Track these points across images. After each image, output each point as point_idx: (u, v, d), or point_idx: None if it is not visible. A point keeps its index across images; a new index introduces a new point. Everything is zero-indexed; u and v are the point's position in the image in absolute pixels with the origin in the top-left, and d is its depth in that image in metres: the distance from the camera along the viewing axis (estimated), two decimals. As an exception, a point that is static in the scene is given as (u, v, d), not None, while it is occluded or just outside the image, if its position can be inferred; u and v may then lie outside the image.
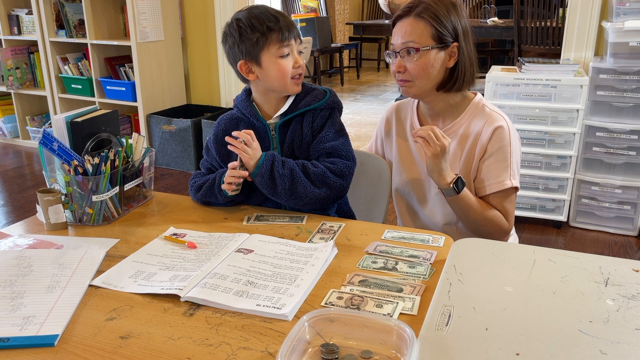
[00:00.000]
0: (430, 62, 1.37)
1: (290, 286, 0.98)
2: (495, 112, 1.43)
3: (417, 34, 1.36)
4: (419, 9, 1.37)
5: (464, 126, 1.45)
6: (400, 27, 1.39)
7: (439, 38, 1.37)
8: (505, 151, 1.39)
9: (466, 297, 0.86)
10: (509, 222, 1.42)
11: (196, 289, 0.97)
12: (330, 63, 7.82)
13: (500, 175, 1.39)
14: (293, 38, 1.32)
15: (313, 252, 1.12)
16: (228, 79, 4.02)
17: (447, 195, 1.37)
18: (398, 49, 1.39)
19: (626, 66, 2.59)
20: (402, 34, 1.38)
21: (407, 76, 1.40)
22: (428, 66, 1.37)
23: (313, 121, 1.37)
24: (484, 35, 5.15)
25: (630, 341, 0.75)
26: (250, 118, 1.39)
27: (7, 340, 0.84)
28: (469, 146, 1.43)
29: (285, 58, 1.31)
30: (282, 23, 1.30)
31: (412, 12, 1.38)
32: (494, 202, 1.41)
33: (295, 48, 1.34)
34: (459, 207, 1.39)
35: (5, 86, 4.30)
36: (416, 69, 1.38)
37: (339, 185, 1.33)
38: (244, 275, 1.03)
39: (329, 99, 1.38)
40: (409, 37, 1.37)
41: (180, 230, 1.24)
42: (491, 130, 1.40)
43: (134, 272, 1.06)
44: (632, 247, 2.69)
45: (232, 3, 3.82)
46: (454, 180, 1.34)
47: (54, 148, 1.25)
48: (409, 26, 1.37)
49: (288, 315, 0.90)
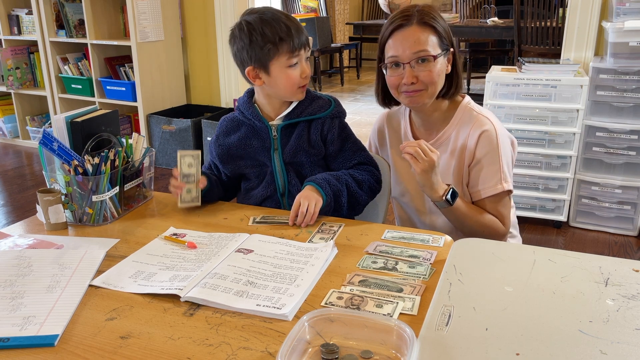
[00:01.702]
0: (442, 68, 1.36)
1: (290, 286, 0.98)
2: (481, 115, 1.41)
3: (427, 41, 1.33)
4: (421, 17, 1.34)
5: (453, 133, 1.43)
6: (406, 36, 1.34)
7: (442, 45, 1.36)
8: (494, 155, 1.38)
9: (466, 297, 0.86)
10: (504, 225, 1.41)
11: (196, 289, 0.97)
12: (330, 63, 7.82)
13: (491, 179, 1.38)
14: (302, 47, 1.32)
15: (313, 252, 1.12)
16: (228, 79, 4.02)
17: (440, 207, 1.36)
18: (407, 59, 1.34)
19: (626, 66, 2.59)
20: (412, 42, 1.33)
21: (419, 85, 1.35)
22: (441, 73, 1.36)
23: (322, 130, 1.39)
24: (484, 35, 5.15)
25: (630, 341, 0.75)
26: (252, 120, 1.40)
27: (7, 340, 0.84)
28: (458, 153, 1.42)
29: (294, 67, 1.32)
30: (294, 32, 1.29)
31: (414, 20, 1.34)
32: (488, 206, 1.41)
33: (304, 56, 1.34)
34: (454, 217, 1.38)
35: (5, 86, 4.30)
36: (431, 76, 1.34)
37: (378, 191, 1.43)
38: (244, 275, 1.03)
39: (335, 109, 1.40)
40: (422, 46, 1.32)
41: (181, 230, 1.24)
42: (477, 135, 1.38)
43: (134, 272, 1.06)
44: (632, 247, 2.69)
45: (232, 3, 3.82)
46: (447, 191, 1.33)
47: (54, 148, 1.25)
48: (418, 34, 1.33)
49: (288, 315, 0.90)
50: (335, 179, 1.32)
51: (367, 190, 1.38)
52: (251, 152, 1.41)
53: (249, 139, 1.41)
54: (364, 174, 1.39)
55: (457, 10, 5.99)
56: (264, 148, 1.39)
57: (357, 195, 1.36)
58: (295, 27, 1.31)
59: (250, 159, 1.42)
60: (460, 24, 5.17)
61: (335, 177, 1.33)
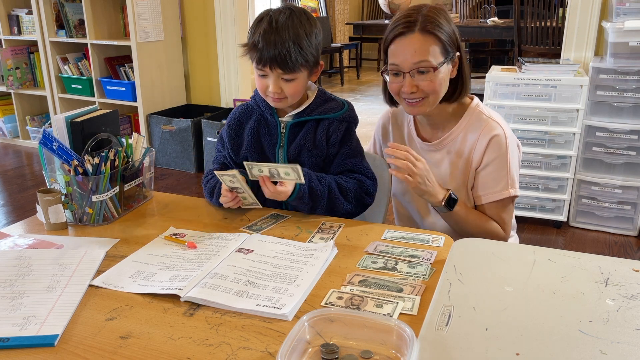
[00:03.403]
0: (444, 77, 1.33)
1: (290, 286, 0.98)
2: (491, 120, 1.39)
3: (428, 51, 1.28)
4: (423, 23, 1.28)
5: (460, 135, 1.42)
6: (407, 45, 1.29)
7: (446, 51, 1.31)
8: (503, 160, 1.36)
9: (466, 297, 0.86)
10: (505, 232, 1.40)
11: (196, 288, 0.97)
12: (330, 63, 7.82)
13: (498, 184, 1.37)
14: (270, 67, 1.25)
15: (313, 252, 1.12)
16: (228, 79, 4.02)
17: (440, 212, 1.36)
18: (407, 69, 1.30)
19: (626, 66, 2.59)
20: (412, 52, 1.28)
21: (420, 94, 1.32)
22: (443, 82, 1.33)
23: (328, 131, 1.37)
24: (484, 35, 5.15)
25: (630, 341, 0.75)
26: (264, 111, 1.39)
27: (7, 340, 0.84)
28: (466, 156, 1.41)
29: (261, 77, 1.30)
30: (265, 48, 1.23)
31: (416, 27, 1.28)
32: (491, 211, 1.39)
33: (276, 76, 1.27)
34: (454, 222, 1.38)
35: (5, 86, 4.30)
36: (432, 86, 1.31)
37: (368, 203, 1.38)
38: (244, 275, 1.03)
39: (346, 112, 1.38)
40: (422, 56, 1.28)
41: (181, 230, 1.24)
42: (487, 140, 1.36)
43: (134, 272, 1.06)
44: (632, 247, 2.69)
45: (232, 3, 3.82)
46: (446, 197, 1.32)
47: (54, 148, 1.25)
48: (419, 43, 1.28)
49: (288, 315, 0.90)
50: (317, 177, 1.30)
51: (352, 199, 1.33)
52: (258, 146, 1.40)
53: (258, 131, 1.40)
54: (351, 182, 1.35)
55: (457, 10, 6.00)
56: (271, 143, 1.38)
57: (337, 201, 1.31)
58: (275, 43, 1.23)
59: (257, 152, 1.41)
60: (460, 24, 5.17)
61: (318, 176, 1.31)
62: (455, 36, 1.34)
